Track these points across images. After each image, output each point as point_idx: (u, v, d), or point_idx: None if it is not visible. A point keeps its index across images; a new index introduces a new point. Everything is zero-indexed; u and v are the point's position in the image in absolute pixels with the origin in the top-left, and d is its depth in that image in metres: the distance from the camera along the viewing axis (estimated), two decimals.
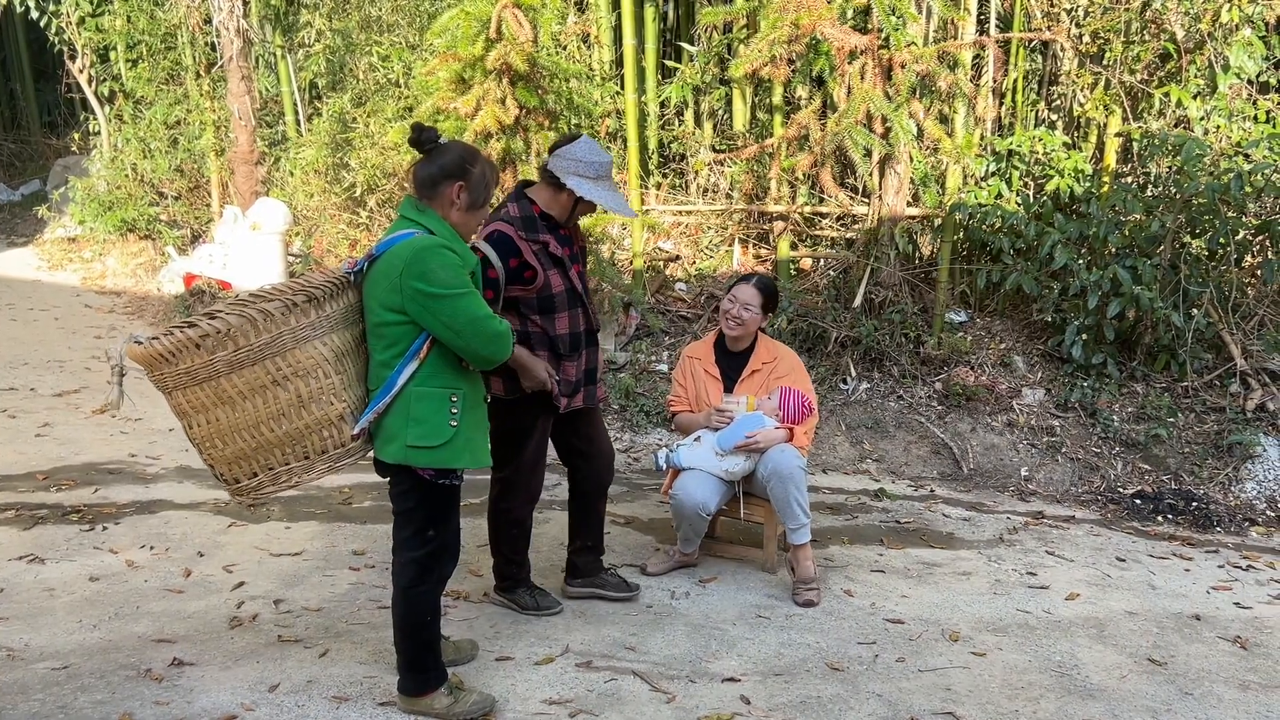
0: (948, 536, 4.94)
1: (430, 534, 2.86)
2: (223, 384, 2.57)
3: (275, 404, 2.61)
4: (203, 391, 2.58)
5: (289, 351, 2.58)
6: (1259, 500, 5.46)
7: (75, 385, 6.93)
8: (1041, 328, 6.67)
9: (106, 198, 11.04)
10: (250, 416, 2.61)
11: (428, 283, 2.62)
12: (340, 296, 2.73)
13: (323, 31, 9.45)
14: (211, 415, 2.61)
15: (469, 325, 2.67)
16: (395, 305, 2.67)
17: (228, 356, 2.53)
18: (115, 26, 11.09)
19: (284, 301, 2.55)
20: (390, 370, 2.73)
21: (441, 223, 2.77)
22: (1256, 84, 6.82)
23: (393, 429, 2.74)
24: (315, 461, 2.70)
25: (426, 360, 2.73)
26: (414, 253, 2.64)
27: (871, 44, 6.28)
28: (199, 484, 5.19)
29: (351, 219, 8.48)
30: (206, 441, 2.66)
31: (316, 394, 2.64)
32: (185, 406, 2.63)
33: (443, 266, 2.64)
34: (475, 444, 2.85)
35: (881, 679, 3.41)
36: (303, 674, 3.27)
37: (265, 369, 2.57)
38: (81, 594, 3.83)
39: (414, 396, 2.73)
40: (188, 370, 2.56)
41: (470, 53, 6.61)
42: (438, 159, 2.78)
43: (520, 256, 3.39)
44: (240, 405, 2.60)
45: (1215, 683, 3.49)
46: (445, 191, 2.77)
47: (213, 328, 2.50)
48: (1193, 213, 6.22)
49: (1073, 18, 7.14)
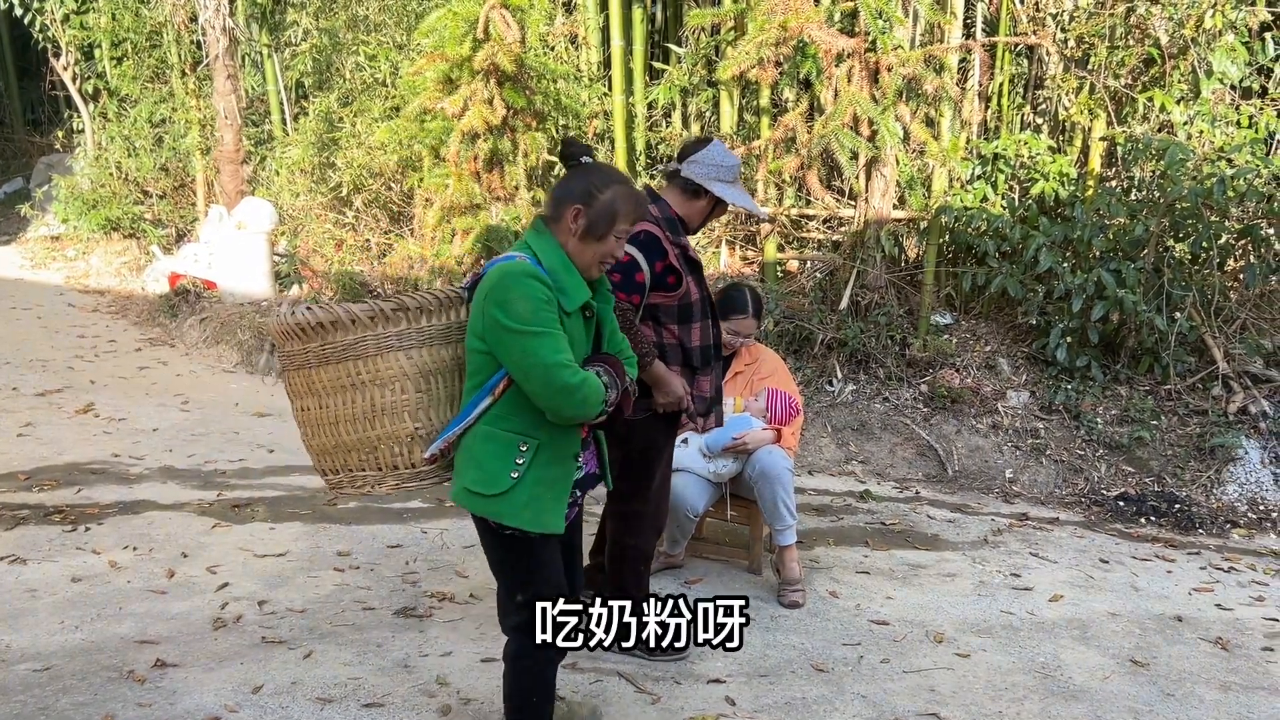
0: (932, 538, 4.96)
1: (519, 599, 2.52)
2: (312, 375, 2.57)
3: (351, 407, 2.56)
4: (299, 378, 2.61)
5: (370, 357, 2.52)
6: (1240, 502, 5.50)
7: (58, 385, 6.88)
8: (1026, 330, 6.70)
9: (90, 196, 10.97)
10: (331, 413, 2.59)
11: (504, 313, 2.34)
12: (443, 312, 2.57)
13: (309, 30, 9.43)
14: (305, 403, 2.63)
15: (537, 370, 2.32)
16: (479, 332, 2.42)
17: (316, 349, 2.54)
18: (100, 24, 11.02)
19: (373, 307, 2.50)
20: (467, 400, 2.49)
21: (557, 249, 2.47)
22: (1239, 89, 6.87)
23: (459, 466, 2.50)
24: (386, 475, 2.61)
25: (501, 398, 2.43)
26: (500, 277, 2.37)
27: (858, 47, 6.30)
28: (183, 484, 5.16)
29: (338, 219, 8.45)
30: (304, 426, 2.68)
31: (390, 407, 2.54)
32: (289, 388, 2.68)
33: (523, 297, 2.34)
34: (541, 504, 2.44)
35: (866, 680, 3.42)
36: (287, 675, 3.26)
37: (346, 370, 2.54)
38: (63, 595, 3.80)
39: (479, 435, 2.45)
40: (289, 353, 2.60)
41: (458, 53, 6.61)
42: (571, 178, 2.51)
43: (666, 259, 3.17)
44: (324, 400, 2.59)
45: (1197, 684, 3.52)
46: (565, 214, 2.46)
47: (306, 318, 2.52)
48: (1176, 217, 6.26)
49: (1058, 22, 7.18)
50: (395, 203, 8.33)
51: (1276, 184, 6.13)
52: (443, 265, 6.97)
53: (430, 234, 7.15)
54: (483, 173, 6.94)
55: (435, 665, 3.38)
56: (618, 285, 3.03)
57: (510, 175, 7.03)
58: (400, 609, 3.83)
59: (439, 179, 6.99)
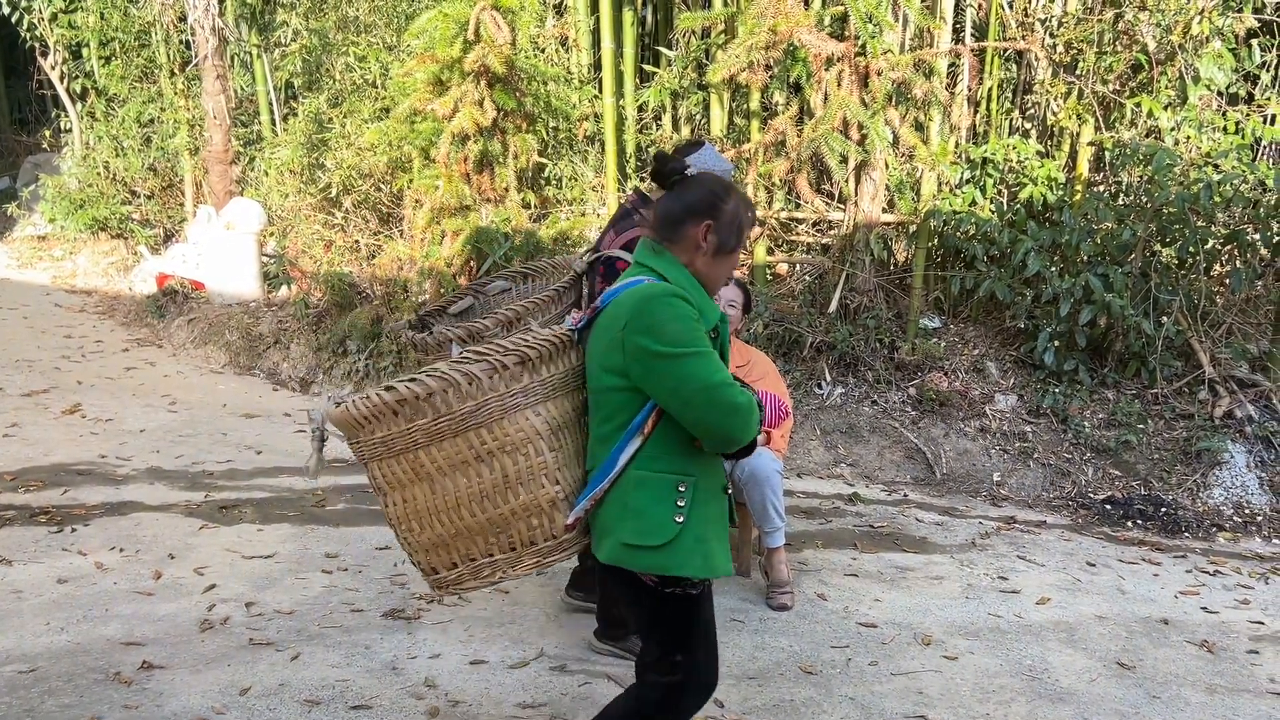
0: (920, 541, 4.97)
1: (677, 659, 2.28)
2: (421, 457, 2.21)
3: (478, 483, 2.22)
4: (400, 465, 2.24)
5: (496, 422, 2.19)
6: (1226, 506, 5.53)
7: (44, 385, 6.85)
8: (1014, 334, 6.72)
9: (78, 196, 10.92)
10: (450, 497, 2.23)
11: (654, 339, 2.12)
12: (560, 357, 2.30)
13: (299, 31, 9.40)
14: (409, 493, 2.26)
15: (700, 394, 2.11)
16: (617, 367, 2.19)
17: (426, 425, 2.17)
18: (88, 23, 10.97)
19: (492, 363, 2.18)
20: (609, 448, 2.23)
21: (681, 269, 2.27)
22: (1226, 95, 6.92)
23: (608, 521, 2.23)
24: (522, 554, 2.28)
25: (651, 437, 2.20)
26: (639, 302, 2.16)
27: (848, 51, 6.32)
28: (170, 486, 5.14)
29: (327, 220, 8.43)
30: (403, 522, 2.31)
31: (526, 474, 2.23)
32: (382, 480, 2.30)
33: (673, 319, 2.14)
34: (708, 547, 2.22)
35: (854, 682, 3.43)
36: (274, 677, 3.25)
37: (468, 441, 2.19)
38: (49, 596, 3.79)
39: (633, 482, 2.20)
40: (384, 439, 2.22)
41: (448, 54, 6.61)
42: (684, 193, 2.31)
43: None
44: (439, 483, 2.23)
45: (1183, 686, 3.53)
46: (690, 232, 2.26)
47: (410, 391, 2.15)
48: (1163, 222, 6.29)
49: (1046, 28, 7.21)
50: (385, 204, 8.32)
51: (1262, 189, 6.17)
52: (432, 267, 6.96)
53: (420, 235, 7.13)
54: (473, 174, 6.94)
55: (424, 667, 3.38)
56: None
57: (500, 177, 7.02)
58: (388, 611, 3.82)
59: (429, 180, 6.98)
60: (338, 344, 7.64)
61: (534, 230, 6.99)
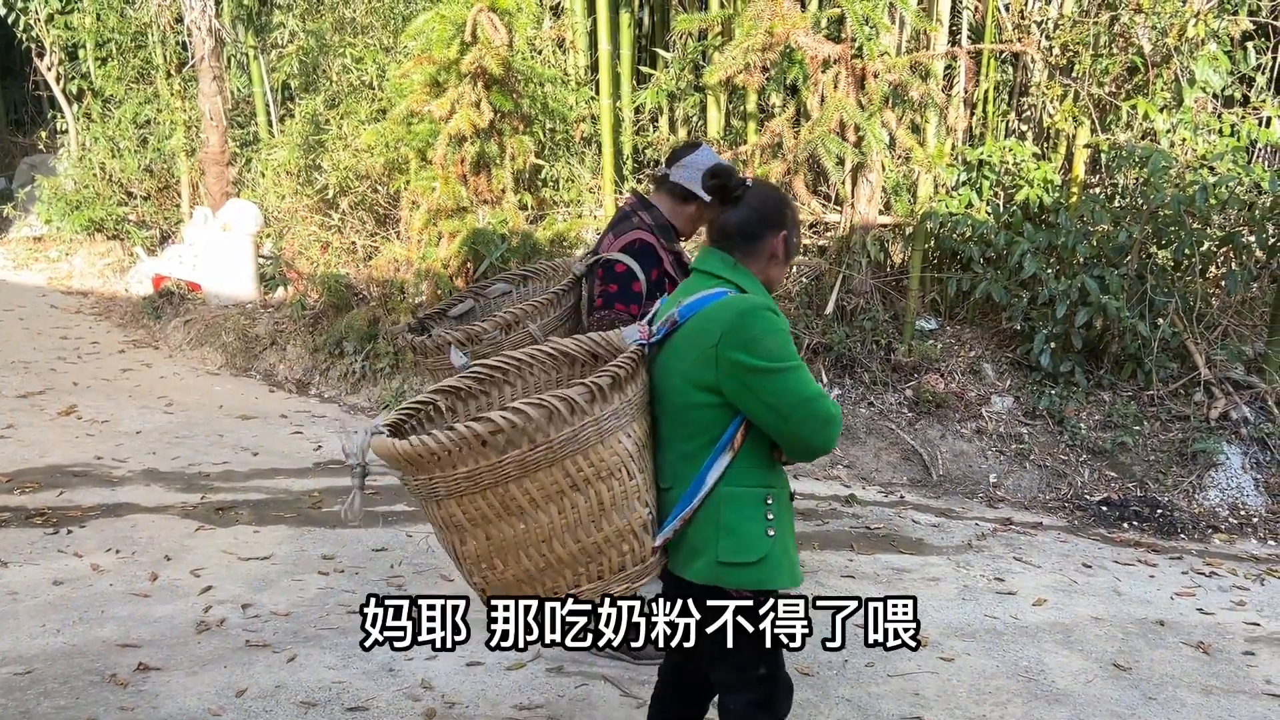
0: (917, 542, 4.98)
1: (761, 672, 2.27)
2: (512, 490, 2.03)
3: (573, 513, 2.07)
4: (485, 500, 2.04)
5: (592, 448, 2.06)
6: (1221, 507, 5.54)
7: (40, 386, 6.84)
8: (1010, 336, 6.73)
9: (74, 197, 10.91)
10: (542, 530, 2.06)
11: (751, 354, 2.09)
12: (639, 375, 2.21)
13: (296, 32, 9.39)
14: (494, 529, 2.07)
15: (799, 407, 2.09)
16: (708, 383, 2.13)
17: (520, 456, 2.00)
18: (84, 24, 10.96)
19: (590, 386, 2.04)
20: (696, 465, 2.17)
21: (755, 280, 2.25)
22: (1221, 98, 6.93)
23: (698, 541, 2.17)
24: (611, 582, 2.16)
25: (740, 452, 2.17)
26: (735, 317, 2.11)
27: (845, 53, 6.33)
28: (166, 487, 5.13)
29: (323, 221, 8.42)
30: (483, 560, 2.13)
31: (620, 499, 2.11)
32: (461, 518, 2.07)
33: (770, 333, 2.11)
34: (792, 558, 2.24)
35: (850, 684, 3.43)
36: (270, 679, 3.25)
37: (564, 470, 2.04)
38: (45, 598, 3.78)
39: (724, 499, 2.15)
40: (470, 474, 2.01)
41: (445, 56, 6.61)
42: (753, 204, 2.27)
43: (661, 267, 3.11)
44: (532, 516, 2.05)
45: (1179, 687, 3.54)
46: (767, 244, 2.26)
47: (507, 421, 1.97)
48: (1159, 224, 6.30)
49: (1043, 30, 7.22)
50: (381, 205, 8.31)
51: (1258, 192, 6.19)
52: (429, 268, 6.95)
53: (417, 237, 7.13)
54: (470, 175, 6.93)
55: (420, 669, 3.38)
56: (615, 295, 3.01)
57: (497, 178, 7.02)
58: None
59: (426, 181, 6.98)
60: (334, 345, 7.64)
61: (531, 232, 6.99)
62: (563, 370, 2.37)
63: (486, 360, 2.29)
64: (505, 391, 2.32)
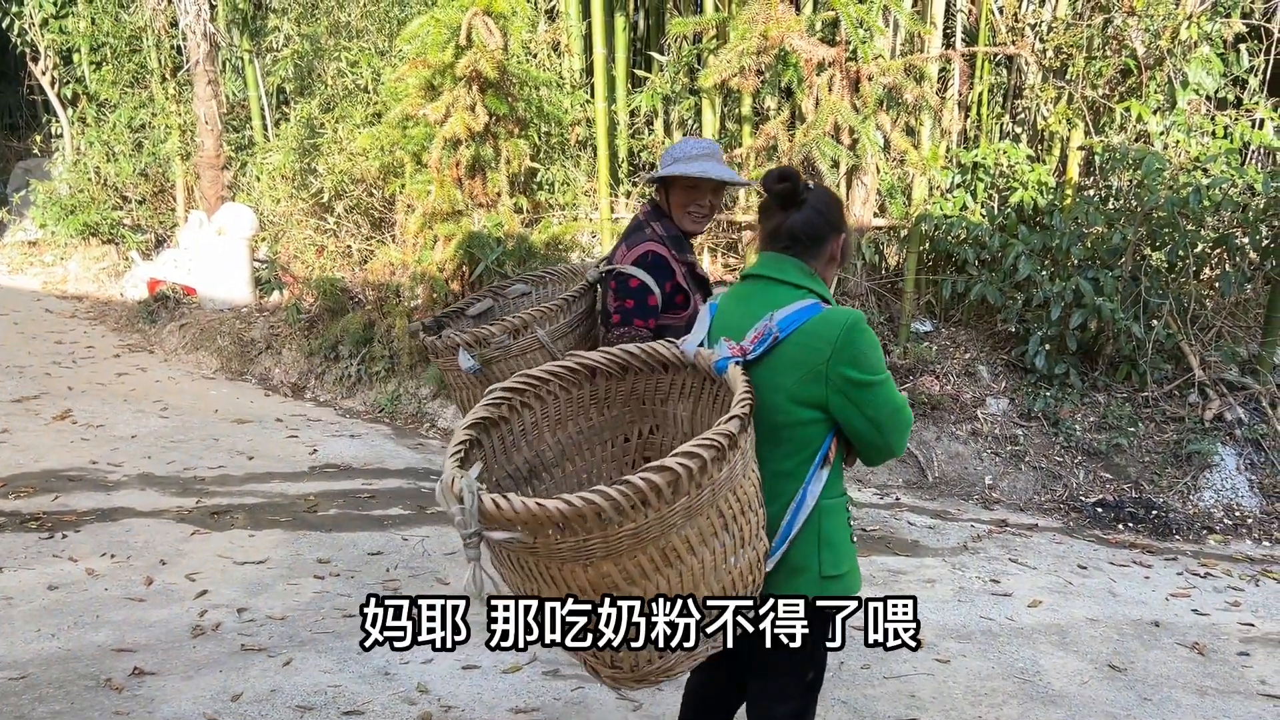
0: (913, 544, 4.98)
1: (810, 677, 2.27)
2: (673, 539, 1.80)
3: (721, 552, 1.89)
4: (646, 554, 1.79)
5: (740, 481, 1.89)
6: (1216, 509, 5.55)
7: (35, 391, 6.83)
8: (1005, 338, 6.74)
9: (69, 201, 10.90)
10: (694, 576, 1.85)
11: (859, 369, 2.06)
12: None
13: (291, 36, 9.40)
14: (649, 584, 1.82)
15: (892, 416, 2.09)
16: (816, 399, 2.07)
17: (687, 504, 1.77)
18: (79, 29, 10.96)
19: (741, 417, 1.85)
20: (795, 481, 2.10)
21: (825, 286, 2.22)
22: (1214, 100, 6.95)
23: (800, 558, 2.11)
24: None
25: (833, 465, 2.15)
26: (844, 333, 2.06)
27: (839, 56, 6.34)
28: (161, 491, 5.13)
29: (319, 225, 8.42)
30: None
31: (753, 531, 1.97)
32: (617, 578, 1.80)
33: (872, 346, 2.09)
34: (856, 560, 2.24)
35: (847, 686, 3.43)
36: (266, 683, 3.24)
37: (718, 509, 1.85)
38: (40, 603, 3.77)
39: (824, 513, 2.12)
40: (636, 531, 1.75)
41: (440, 59, 6.61)
42: (817, 206, 2.22)
43: (674, 279, 3.03)
44: (685, 564, 1.84)
45: (1174, 688, 3.55)
46: (829, 246, 2.22)
47: (684, 468, 1.73)
48: (1153, 226, 6.32)
49: (1036, 33, 7.25)
50: (377, 209, 8.31)
51: (1251, 193, 6.21)
52: (424, 272, 6.95)
53: (412, 240, 7.13)
54: (465, 179, 6.94)
55: (416, 672, 3.37)
56: (631, 311, 2.94)
57: (492, 182, 7.03)
58: None
59: (421, 185, 6.98)
60: (330, 349, 7.63)
61: (526, 235, 6.99)
62: (584, 386, 2.26)
63: (507, 383, 2.17)
64: (526, 416, 2.20)
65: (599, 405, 2.28)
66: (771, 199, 2.23)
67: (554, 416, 2.23)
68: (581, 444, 2.29)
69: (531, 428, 2.21)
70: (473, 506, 1.70)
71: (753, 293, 2.19)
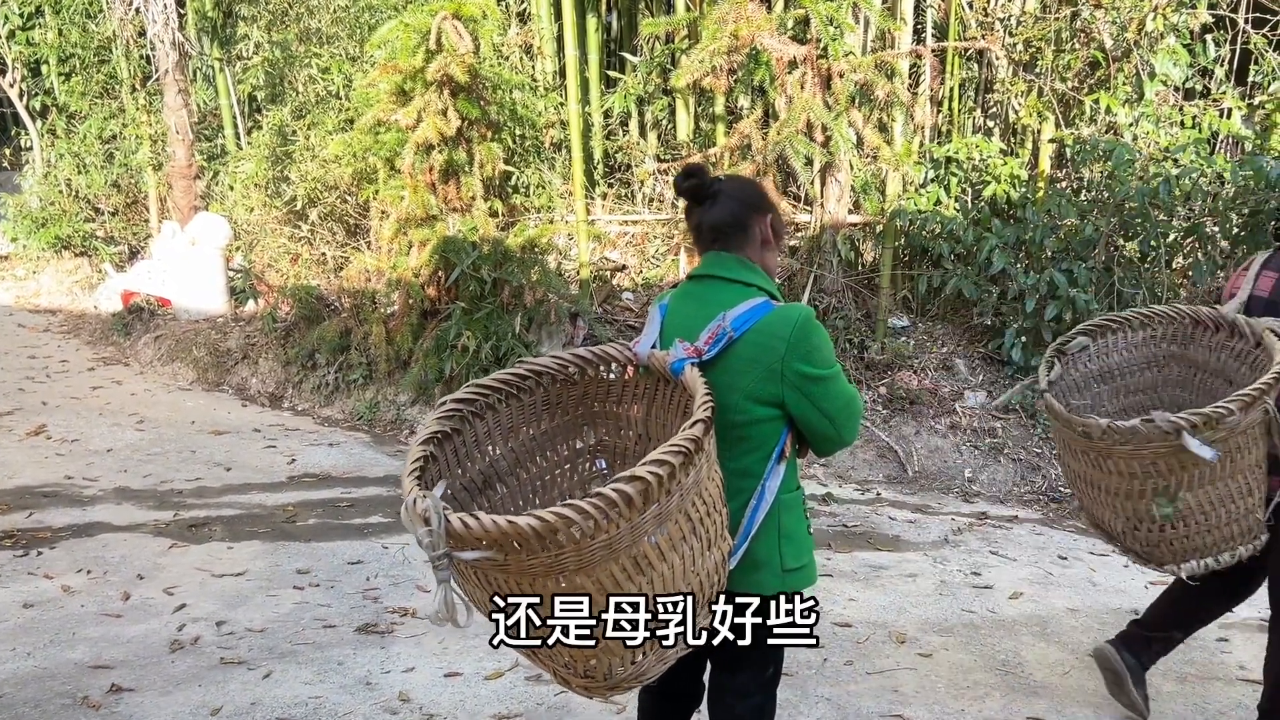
0: (894, 539, 5.00)
1: (770, 672, 2.26)
2: (644, 547, 1.79)
3: (689, 556, 1.87)
4: (618, 564, 1.77)
5: (705, 484, 1.88)
6: None
7: (8, 407, 6.75)
8: (981, 331, 6.78)
9: (40, 214, 10.80)
10: (665, 581, 1.84)
11: (813, 364, 2.07)
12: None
13: (261, 43, 9.33)
14: (622, 591, 1.80)
15: (845, 408, 2.12)
16: (773, 397, 2.07)
17: (657, 510, 1.76)
18: (47, 40, 10.86)
19: (705, 421, 1.84)
20: (754, 479, 2.11)
21: (766, 276, 2.21)
22: (1182, 90, 7.01)
23: (762, 553, 2.12)
24: (699, 617, 1.95)
25: (789, 460, 2.17)
26: (797, 329, 2.06)
27: (810, 54, 6.36)
28: (138, 505, 5.08)
29: (293, 233, 8.37)
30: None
31: (719, 530, 1.96)
32: (590, 590, 1.78)
33: (824, 341, 2.11)
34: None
35: (830, 682, 3.43)
36: (246, 696, 3.22)
37: (685, 514, 1.84)
38: (15, 621, 3.73)
39: (783, 507, 2.14)
40: (609, 542, 1.72)
41: (410, 64, 6.58)
42: (732, 194, 2.20)
43: None
44: (658, 569, 1.83)
45: (1154, 675, 3.56)
46: (756, 230, 2.19)
47: (654, 476, 1.71)
48: (1125, 216, 6.37)
49: (1006, 27, 7.29)
50: (351, 216, 8.27)
51: (1220, 183, 6.26)
52: (400, 278, 6.92)
53: (387, 246, 7.10)
54: (438, 184, 6.91)
55: (398, 681, 3.36)
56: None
57: (466, 186, 7.00)
58: (361, 625, 3.79)
59: (394, 191, 6.95)
60: (306, 358, 7.58)
61: (502, 239, 6.97)
62: (534, 392, 2.21)
63: (458, 394, 2.12)
64: (478, 426, 2.15)
65: (550, 410, 2.25)
66: (684, 198, 2.22)
67: (505, 425, 2.19)
68: (534, 450, 2.25)
69: (484, 437, 2.17)
70: (440, 528, 1.63)
71: (701, 292, 2.18)
